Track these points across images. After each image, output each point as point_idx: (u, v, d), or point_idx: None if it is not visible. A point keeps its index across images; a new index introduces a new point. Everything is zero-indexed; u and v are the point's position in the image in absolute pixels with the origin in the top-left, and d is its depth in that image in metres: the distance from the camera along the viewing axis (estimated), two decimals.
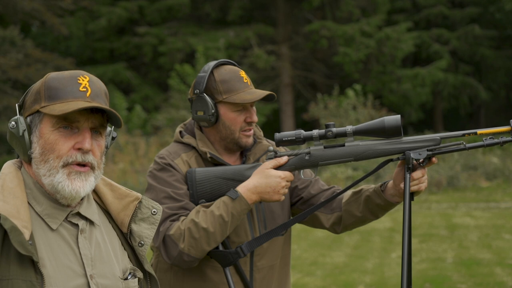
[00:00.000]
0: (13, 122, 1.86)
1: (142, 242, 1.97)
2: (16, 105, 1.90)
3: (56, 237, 1.85)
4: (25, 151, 1.86)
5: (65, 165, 1.83)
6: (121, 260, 1.95)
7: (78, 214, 1.89)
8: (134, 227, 1.97)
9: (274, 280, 2.84)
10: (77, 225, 1.88)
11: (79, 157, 1.83)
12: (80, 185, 1.84)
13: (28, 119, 1.87)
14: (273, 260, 2.83)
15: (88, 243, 1.88)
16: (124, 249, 1.98)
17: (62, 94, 1.84)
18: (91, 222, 1.91)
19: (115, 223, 1.99)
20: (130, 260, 1.98)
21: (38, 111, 1.85)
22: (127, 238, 1.99)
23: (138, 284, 1.97)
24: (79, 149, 1.84)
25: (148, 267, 1.99)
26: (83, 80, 1.86)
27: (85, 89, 1.85)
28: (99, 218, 1.95)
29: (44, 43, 26.15)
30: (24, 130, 1.85)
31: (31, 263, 1.77)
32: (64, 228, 1.87)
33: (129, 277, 1.94)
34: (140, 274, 1.96)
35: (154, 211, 1.99)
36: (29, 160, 1.87)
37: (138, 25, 25.94)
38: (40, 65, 22.23)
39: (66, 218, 1.87)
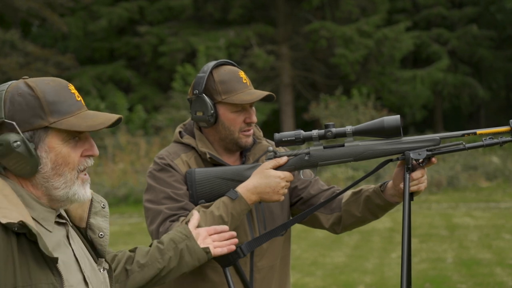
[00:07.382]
0: (18, 142, 1.77)
1: (102, 234, 2.00)
2: (14, 123, 1.79)
3: (55, 238, 1.87)
4: (33, 168, 1.81)
5: (78, 174, 1.86)
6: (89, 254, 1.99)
7: (59, 215, 1.92)
8: (92, 220, 2.00)
9: (274, 280, 2.84)
10: (63, 224, 1.91)
11: (89, 163, 1.87)
12: (88, 191, 1.89)
13: (27, 134, 1.80)
14: (273, 260, 2.83)
15: (72, 240, 1.92)
16: (84, 244, 2.00)
17: (66, 107, 1.82)
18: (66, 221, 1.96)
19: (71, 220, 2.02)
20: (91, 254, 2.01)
21: (45, 127, 1.80)
22: (84, 233, 2.01)
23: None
24: (87, 156, 1.87)
25: (107, 258, 2.03)
26: (72, 87, 1.87)
27: (79, 98, 1.86)
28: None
29: (43, 44, 26.15)
30: (34, 147, 1.80)
31: (47, 266, 1.78)
32: (56, 229, 1.89)
33: (101, 270, 1.98)
34: (106, 265, 2.00)
35: (103, 205, 2.02)
36: (29, 176, 1.83)
37: (138, 25, 25.91)
38: (40, 64, 22.20)
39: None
